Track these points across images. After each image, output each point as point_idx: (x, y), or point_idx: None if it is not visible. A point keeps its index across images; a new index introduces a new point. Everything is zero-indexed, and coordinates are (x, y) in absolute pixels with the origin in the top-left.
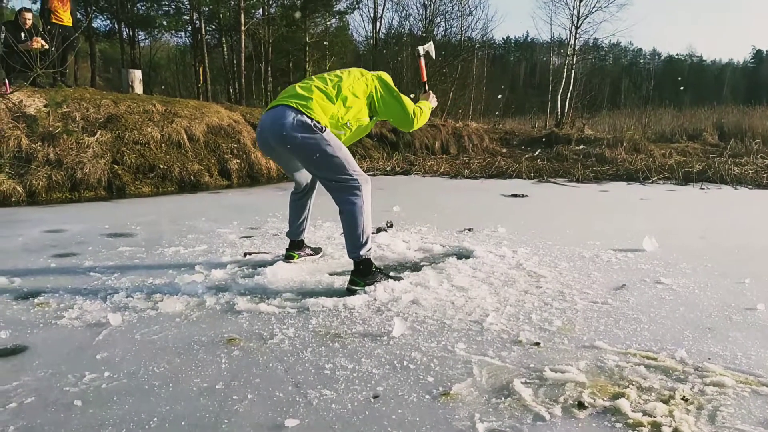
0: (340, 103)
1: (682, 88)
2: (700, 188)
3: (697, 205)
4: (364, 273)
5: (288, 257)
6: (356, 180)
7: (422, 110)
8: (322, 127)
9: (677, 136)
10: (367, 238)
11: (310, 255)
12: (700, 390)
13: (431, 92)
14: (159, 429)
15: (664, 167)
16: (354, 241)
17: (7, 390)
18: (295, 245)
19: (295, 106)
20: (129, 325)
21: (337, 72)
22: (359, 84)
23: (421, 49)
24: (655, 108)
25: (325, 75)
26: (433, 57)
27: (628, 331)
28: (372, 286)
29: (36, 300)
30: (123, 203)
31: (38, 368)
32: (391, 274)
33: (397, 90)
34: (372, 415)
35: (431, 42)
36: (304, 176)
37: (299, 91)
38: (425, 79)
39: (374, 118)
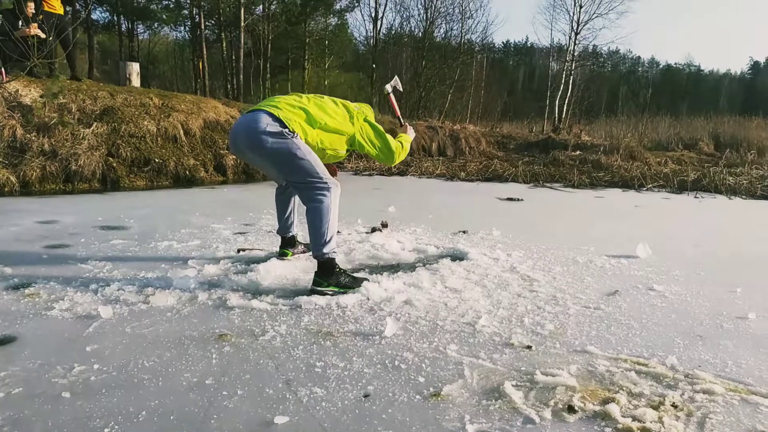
0: (319, 130)
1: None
2: (695, 197)
3: (691, 214)
4: (326, 273)
5: (282, 254)
6: (325, 183)
7: (403, 145)
8: (291, 133)
9: (673, 145)
10: (331, 238)
11: (304, 252)
12: (690, 397)
13: (407, 125)
14: (147, 423)
15: (660, 175)
16: (317, 239)
17: None
18: (288, 242)
19: (267, 110)
20: (120, 318)
21: (329, 104)
22: (346, 124)
23: (388, 87)
24: (652, 116)
25: (317, 100)
26: (401, 90)
27: (620, 336)
28: (361, 288)
29: (27, 290)
30: (117, 196)
31: (27, 359)
32: (357, 275)
33: (381, 129)
34: (362, 414)
35: (396, 77)
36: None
37: (277, 99)
38: (398, 114)
39: (349, 150)
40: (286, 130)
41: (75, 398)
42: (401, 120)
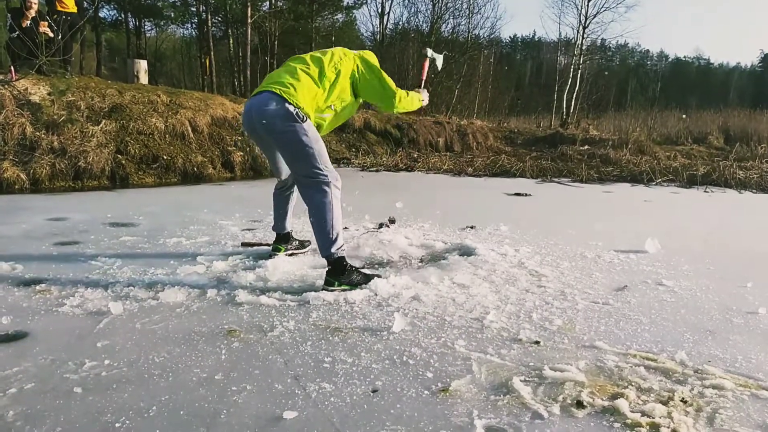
0: (324, 84)
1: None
2: (704, 191)
3: (700, 208)
4: (337, 272)
5: (274, 250)
6: (326, 176)
7: (409, 95)
8: (303, 116)
9: (682, 139)
10: (337, 236)
11: (298, 249)
12: (700, 392)
13: (425, 90)
14: (158, 417)
15: (669, 169)
16: (324, 239)
17: (7, 375)
18: (282, 238)
19: (279, 92)
20: (130, 314)
21: (318, 53)
22: (342, 63)
23: (429, 51)
24: (661, 110)
25: (306, 56)
26: (438, 68)
27: (629, 331)
28: (365, 285)
29: (38, 287)
30: (126, 193)
31: (39, 355)
32: (367, 271)
33: (378, 68)
34: (370, 409)
35: (443, 54)
36: (285, 167)
37: (284, 76)
38: (423, 78)
39: (358, 98)
40: (298, 111)
41: (86, 393)
42: (422, 82)
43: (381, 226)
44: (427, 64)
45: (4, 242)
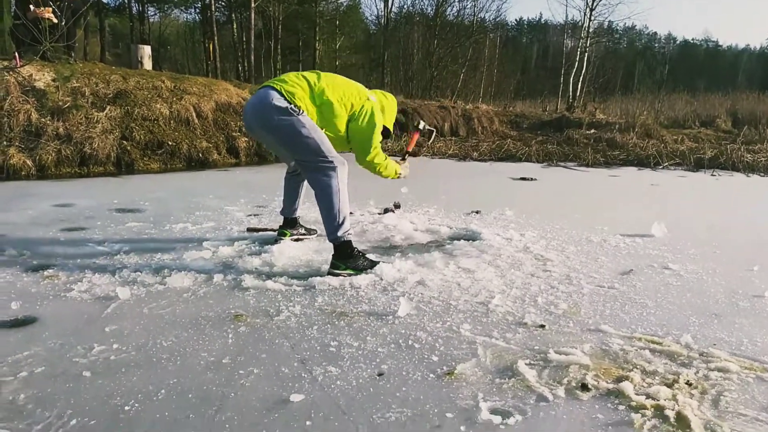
0: (322, 106)
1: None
2: (712, 175)
3: (707, 192)
4: (344, 256)
5: (280, 234)
6: (331, 161)
7: (387, 162)
8: (298, 110)
9: (690, 122)
10: (344, 219)
11: (303, 235)
12: (705, 375)
13: (406, 165)
14: (167, 401)
15: (676, 153)
16: (330, 223)
17: (18, 360)
18: (289, 223)
19: (278, 88)
20: (137, 299)
21: (339, 80)
22: (348, 96)
23: (422, 124)
24: (668, 93)
25: (323, 75)
26: (428, 141)
27: (634, 315)
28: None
29: (45, 273)
30: (131, 179)
31: (48, 339)
32: (372, 256)
33: (376, 123)
34: (376, 392)
35: (434, 131)
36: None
37: (288, 77)
38: (408, 150)
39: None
40: (292, 105)
41: (96, 377)
42: (406, 153)
43: (386, 211)
44: (417, 136)
45: (12, 229)
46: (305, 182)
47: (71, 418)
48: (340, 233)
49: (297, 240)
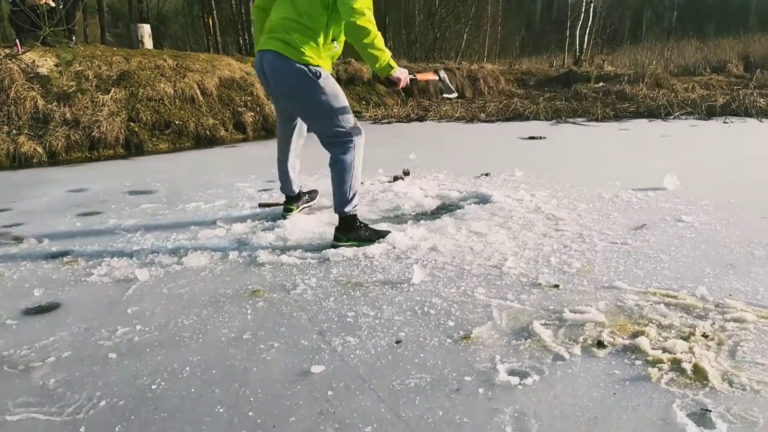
0: (319, 27)
1: None
2: (724, 122)
3: (720, 140)
4: (347, 228)
5: (286, 210)
6: (349, 133)
7: (385, 48)
8: (317, 72)
9: (701, 69)
10: (354, 195)
11: (308, 202)
12: (721, 326)
13: (408, 76)
14: (192, 377)
15: (687, 102)
16: (340, 197)
17: (45, 345)
18: (292, 199)
19: (284, 54)
20: (156, 279)
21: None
22: None
23: (443, 74)
24: (677, 40)
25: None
26: (444, 94)
27: (648, 270)
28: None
29: (65, 258)
30: (141, 160)
31: (72, 324)
32: (384, 225)
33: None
34: (395, 359)
35: (455, 94)
36: (294, 127)
37: (280, 32)
38: (417, 77)
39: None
40: (311, 68)
41: (121, 358)
42: (416, 75)
43: (396, 178)
44: (433, 77)
45: (29, 216)
46: (299, 162)
47: (100, 400)
48: (347, 208)
49: (306, 209)
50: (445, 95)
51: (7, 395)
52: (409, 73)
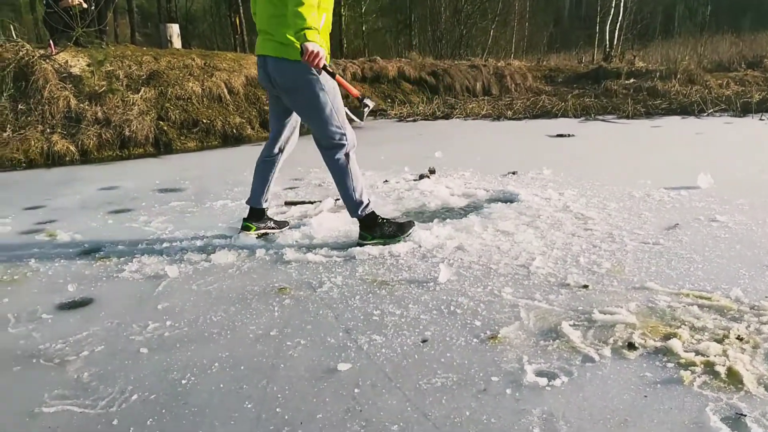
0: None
1: None
2: (760, 119)
3: (755, 138)
4: (369, 226)
5: (244, 228)
6: (344, 134)
7: (308, 20)
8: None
9: (735, 65)
10: (361, 194)
11: (272, 229)
12: (756, 329)
13: (324, 58)
14: (221, 373)
15: (721, 98)
16: (349, 202)
17: (78, 339)
18: (255, 214)
19: (280, 56)
20: (186, 276)
21: None
22: None
23: (368, 101)
24: (711, 35)
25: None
26: (353, 115)
27: (681, 271)
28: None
29: (97, 255)
30: (170, 159)
31: (105, 319)
32: (400, 220)
33: None
34: (421, 358)
35: (361, 121)
36: (285, 130)
37: (275, 33)
38: (333, 74)
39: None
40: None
41: (152, 353)
42: (334, 75)
43: (421, 177)
44: (354, 90)
45: (63, 213)
46: (278, 168)
47: (132, 393)
48: (360, 211)
49: (263, 236)
50: (353, 114)
51: (43, 388)
52: (330, 69)
